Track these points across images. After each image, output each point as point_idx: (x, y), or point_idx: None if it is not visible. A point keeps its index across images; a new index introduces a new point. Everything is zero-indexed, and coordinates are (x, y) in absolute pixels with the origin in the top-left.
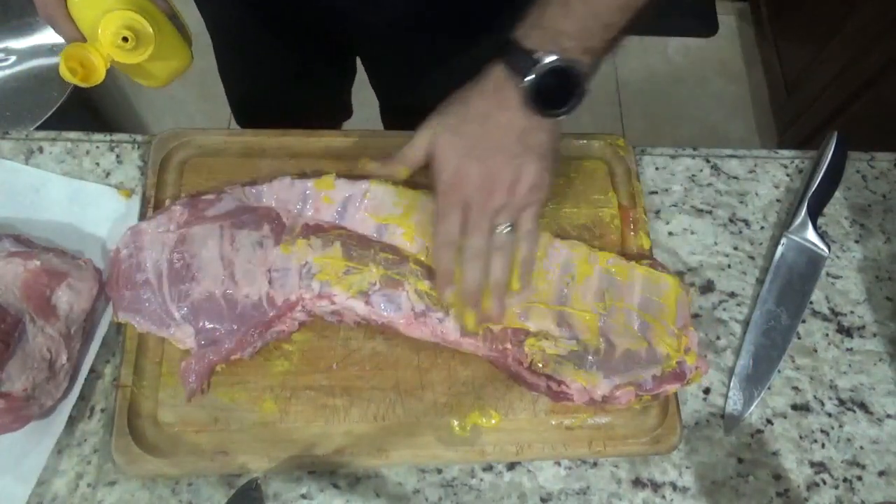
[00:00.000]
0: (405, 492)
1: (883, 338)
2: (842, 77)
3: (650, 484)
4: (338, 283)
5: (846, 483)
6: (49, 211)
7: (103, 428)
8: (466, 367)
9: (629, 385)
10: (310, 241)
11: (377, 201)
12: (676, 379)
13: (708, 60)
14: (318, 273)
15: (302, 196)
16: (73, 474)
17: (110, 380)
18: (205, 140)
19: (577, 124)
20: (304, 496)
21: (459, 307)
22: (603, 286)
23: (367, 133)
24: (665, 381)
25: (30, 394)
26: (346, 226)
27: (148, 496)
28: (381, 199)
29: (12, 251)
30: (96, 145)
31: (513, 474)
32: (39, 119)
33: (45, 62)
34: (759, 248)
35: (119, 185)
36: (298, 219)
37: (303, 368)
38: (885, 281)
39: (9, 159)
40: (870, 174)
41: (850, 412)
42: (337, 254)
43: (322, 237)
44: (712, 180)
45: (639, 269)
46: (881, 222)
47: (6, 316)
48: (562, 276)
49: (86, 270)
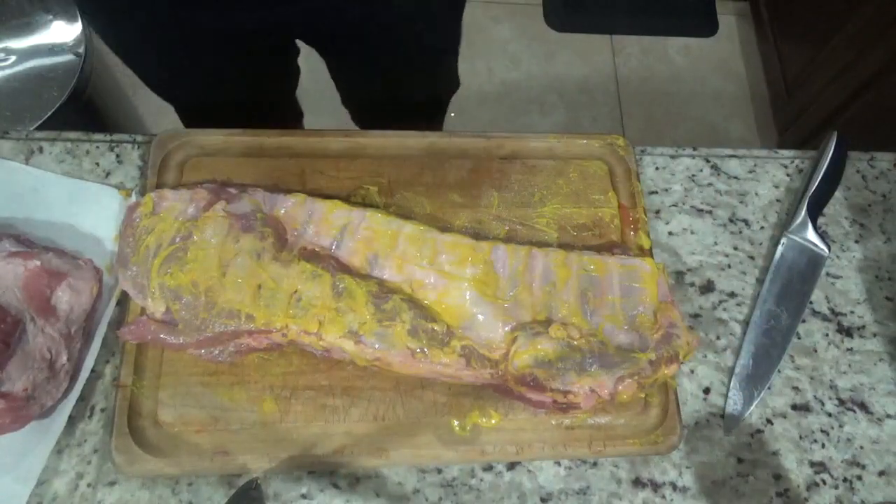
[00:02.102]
0: (405, 492)
1: (883, 338)
2: (842, 77)
3: (650, 484)
4: (330, 322)
5: (846, 483)
6: (49, 211)
7: (103, 428)
8: None
9: (630, 376)
10: (304, 268)
11: (370, 232)
12: (672, 359)
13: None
14: (307, 305)
15: (308, 215)
16: (73, 474)
17: (110, 380)
18: (205, 140)
19: (577, 124)
20: (304, 496)
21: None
22: (584, 286)
23: (366, 133)
24: (661, 362)
25: (30, 394)
26: (339, 255)
27: (148, 496)
28: (375, 229)
29: (12, 251)
30: (96, 145)
31: (513, 474)
32: (39, 119)
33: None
34: (759, 248)
35: (119, 185)
36: (299, 239)
37: (303, 368)
38: (885, 281)
39: (9, 159)
40: (870, 174)
41: (850, 412)
42: (327, 288)
43: (315, 266)
44: (712, 180)
45: (613, 260)
46: (881, 222)
47: (6, 316)
48: (543, 287)
49: (86, 270)
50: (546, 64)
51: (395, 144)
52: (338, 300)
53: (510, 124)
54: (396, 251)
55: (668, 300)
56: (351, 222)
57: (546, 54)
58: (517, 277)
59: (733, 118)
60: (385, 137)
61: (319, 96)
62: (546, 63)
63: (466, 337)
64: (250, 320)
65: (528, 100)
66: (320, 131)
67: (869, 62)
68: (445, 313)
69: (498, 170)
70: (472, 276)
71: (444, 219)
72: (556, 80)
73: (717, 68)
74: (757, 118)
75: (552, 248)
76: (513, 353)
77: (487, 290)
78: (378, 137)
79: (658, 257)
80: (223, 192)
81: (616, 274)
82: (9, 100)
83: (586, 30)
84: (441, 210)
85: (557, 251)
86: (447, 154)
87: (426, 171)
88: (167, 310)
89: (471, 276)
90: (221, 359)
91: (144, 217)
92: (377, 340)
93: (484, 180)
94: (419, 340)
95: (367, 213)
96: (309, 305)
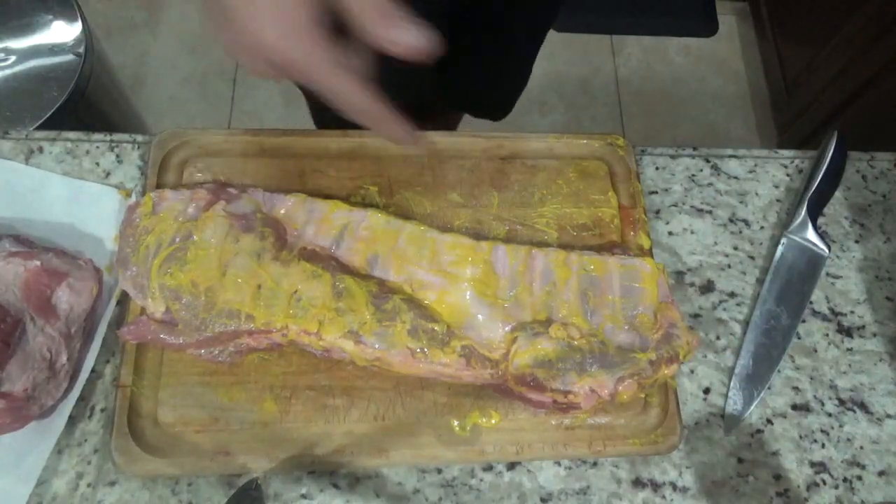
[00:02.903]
0: (405, 492)
1: (883, 338)
2: (842, 77)
3: (650, 484)
4: (330, 322)
5: (846, 483)
6: (49, 211)
7: (103, 428)
8: None
9: (630, 376)
10: (304, 268)
11: (370, 232)
12: (672, 359)
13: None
14: (307, 305)
15: (308, 215)
16: (73, 474)
17: (110, 380)
18: (205, 140)
19: (578, 124)
20: (304, 496)
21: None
22: (584, 286)
23: (366, 133)
24: (661, 362)
25: (30, 394)
26: (339, 255)
27: (148, 496)
28: (375, 229)
29: (12, 251)
30: (96, 145)
31: (513, 474)
32: (39, 119)
33: (45, 62)
34: (759, 248)
35: (119, 185)
36: (299, 239)
37: (303, 368)
38: (885, 281)
39: (9, 159)
40: (870, 174)
41: (850, 412)
42: (327, 288)
43: (315, 266)
44: (712, 180)
45: (613, 260)
46: (881, 222)
47: (6, 316)
48: (543, 287)
49: (86, 270)
50: (546, 64)
51: (395, 144)
52: (338, 300)
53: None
54: (396, 251)
55: (668, 300)
56: (351, 222)
57: (546, 54)
58: (517, 277)
59: (733, 118)
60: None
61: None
62: (546, 63)
63: (466, 337)
64: (250, 320)
65: (528, 100)
66: (320, 131)
67: (869, 62)
68: (445, 313)
69: (498, 170)
70: (472, 276)
71: (444, 219)
72: (556, 80)
73: (717, 68)
74: (757, 118)
75: (552, 248)
76: (513, 353)
77: (487, 290)
78: (378, 137)
79: (658, 257)
80: (223, 192)
81: (616, 274)
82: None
83: (586, 30)
84: (441, 210)
85: (557, 251)
86: (447, 154)
87: (426, 171)
88: (167, 310)
89: (471, 276)
90: (221, 359)
91: (144, 217)
92: (377, 340)
93: (484, 180)
94: (419, 340)
95: (367, 213)
96: (309, 305)
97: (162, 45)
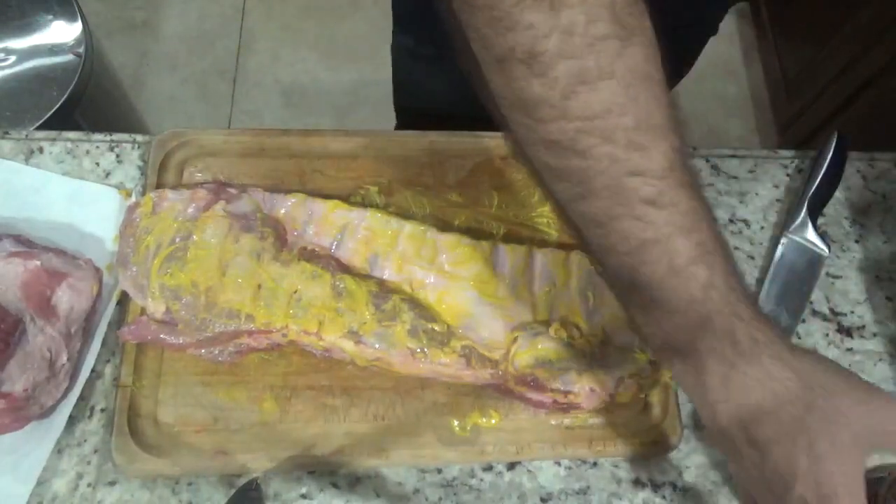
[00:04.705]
0: (405, 492)
1: (883, 338)
2: (842, 77)
3: (650, 484)
4: (330, 322)
5: None
6: (49, 211)
7: (103, 428)
8: None
9: (630, 376)
10: (304, 268)
11: (370, 232)
12: None
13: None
14: (307, 305)
15: (308, 215)
16: (73, 474)
17: (110, 380)
18: (205, 140)
19: None
20: (304, 496)
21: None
22: (584, 286)
23: (366, 133)
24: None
25: (30, 394)
26: (339, 255)
27: (148, 496)
28: (375, 229)
29: (12, 251)
30: (96, 145)
31: (513, 474)
32: (39, 119)
33: (45, 62)
34: (759, 248)
35: (119, 185)
36: (299, 239)
37: (303, 368)
38: (885, 281)
39: (9, 159)
40: (870, 174)
41: None
42: (327, 288)
43: (315, 266)
44: (712, 180)
45: None
46: (881, 222)
47: (6, 316)
48: (543, 287)
49: (86, 270)
50: None
51: (395, 144)
52: (338, 300)
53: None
54: (396, 251)
55: None
56: (351, 222)
57: None
58: (517, 277)
59: (733, 118)
60: (385, 137)
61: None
62: None
63: (466, 337)
64: (250, 320)
65: None
66: (320, 131)
67: (869, 62)
68: (445, 313)
69: (498, 170)
70: (472, 276)
71: (444, 219)
72: None
73: (717, 68)
74: (757, 118)
75: (552, 248)
76: (513, 353)
77: (487, 289)
78: (378, 137)
79: None
80: (223, 192)
81: None
82: (9, 100)
83: None
84: (441, 210)
85: (557, 251)
86: (447, 154)
87: (426, 171)
88: (167, 310)
89: (471, 276)
90: (221, 359)
91: (144, 217)
92: (377, 340)
93: (484, 180)
94: (419, 340)
95: (367, 213)
96: (309, 305)
97: (162, 45)
